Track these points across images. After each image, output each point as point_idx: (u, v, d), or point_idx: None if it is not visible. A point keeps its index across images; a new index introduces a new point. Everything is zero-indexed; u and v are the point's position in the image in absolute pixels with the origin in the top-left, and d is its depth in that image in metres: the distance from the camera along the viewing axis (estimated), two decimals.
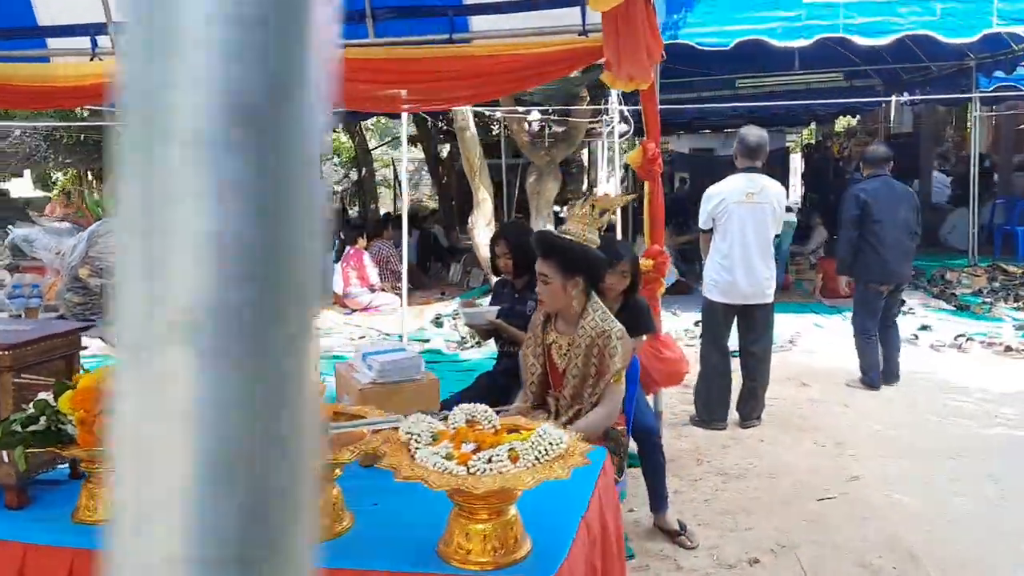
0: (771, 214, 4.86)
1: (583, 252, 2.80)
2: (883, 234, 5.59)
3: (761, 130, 4.97)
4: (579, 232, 2.82)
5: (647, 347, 4.26)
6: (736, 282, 4.84)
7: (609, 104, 7.57)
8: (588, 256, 2.81)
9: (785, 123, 21.51)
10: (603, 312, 2.83)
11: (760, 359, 4.99)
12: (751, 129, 4.97)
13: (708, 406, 5.01)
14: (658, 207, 4.20)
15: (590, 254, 2.81)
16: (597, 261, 2.84)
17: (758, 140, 4.88)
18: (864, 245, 5.63)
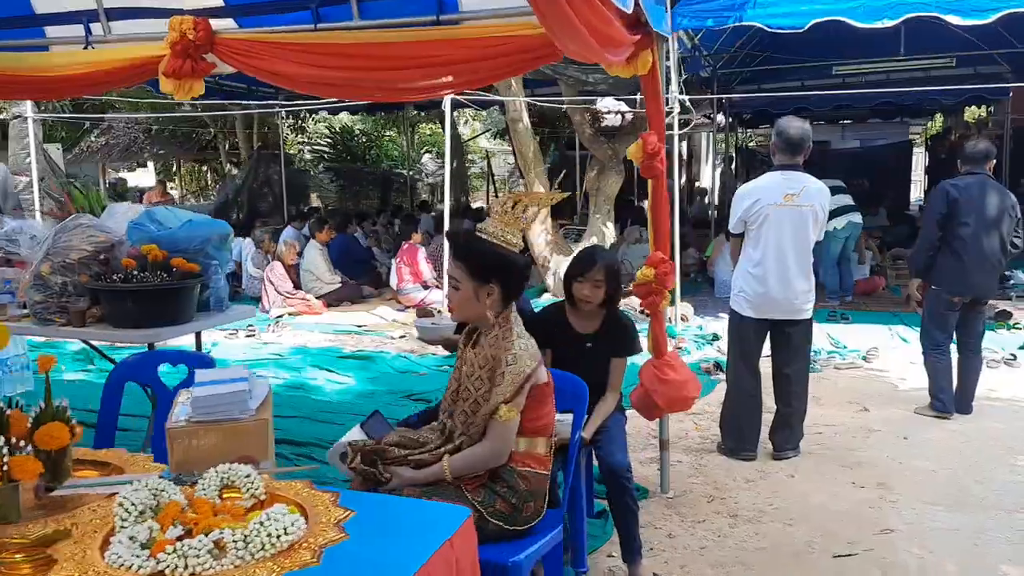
0: (813, 219, 4.25)
1: (498, 256, 2.40)
2: (969, 238, 4.87)
3: (803, 121, 4.35)
4: (497, 232, 2.41)
5: (649, 367, 3.79)
6: (769, 295, 4.26)
7: (669, 93, 6.99)
8: (504, 260, 2.41)
9: (907, 114, 19.99)
10: (511, 330, 2.41)
11: (795, 382, 4.39)
12: (791, 120, 4.36)
13: (735, 434, 4.45)
14: (661, 209, 3.70)
15: (507, 258, 2.42)
16: (514, 267, 2.44)
17: (800, 133, 4.27)
18: (945, 248, 4.92)
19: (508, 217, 2.42)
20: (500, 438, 2.35)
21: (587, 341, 3.32)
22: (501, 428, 2.34)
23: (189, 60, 3.94)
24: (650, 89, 3.52)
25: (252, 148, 14.19)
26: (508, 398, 2.32)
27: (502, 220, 2.42)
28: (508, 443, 2.37)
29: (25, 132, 7.84)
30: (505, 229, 2.41)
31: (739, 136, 22.80)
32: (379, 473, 2.50)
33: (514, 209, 2.42)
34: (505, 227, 2.41)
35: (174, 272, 3.65)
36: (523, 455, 2.43)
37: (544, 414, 2.45)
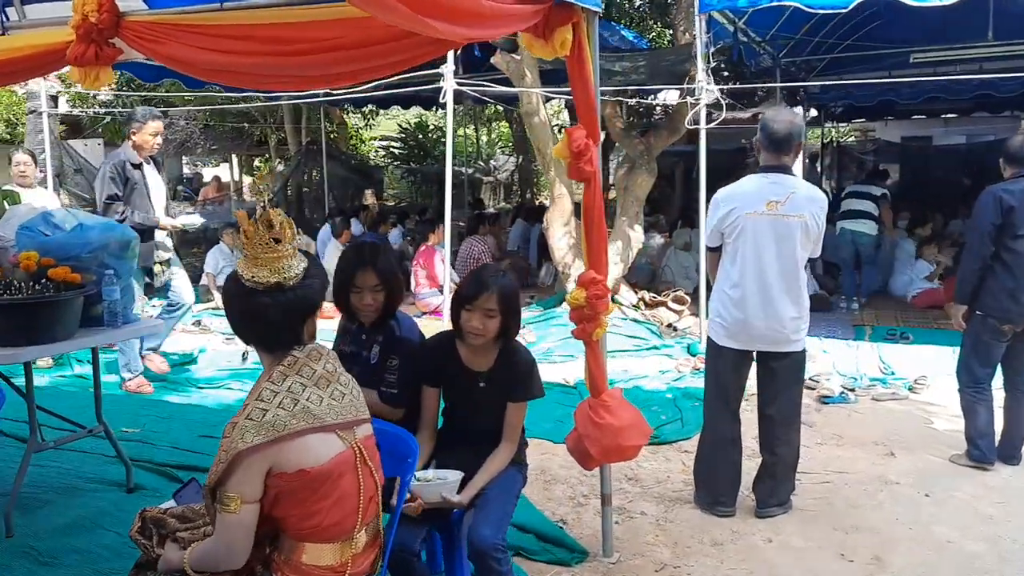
0: (802, 231, 3.51)
1: (232, 297, 1.92)
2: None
3: (793, 114, 3.63)
4: (248, 268, 1.87)
5: (583, 409, 3.19)
6: (749, 321, 3.57)
7: (697, 83, 6.27)
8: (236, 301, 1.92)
9: (1015, 106, 18.33)
10: (257, 388, 1.87)
11: (780, 425, 3.68)
12: (779, 113, 3.64)
13: (709, 485, 3.78)
14: (594, 219, 3.07)
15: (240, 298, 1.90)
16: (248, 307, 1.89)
17: (788, 128, 3.53)
18: (996, 266, 4.09)
19: (257, 240, 1.87)
20: (224, 533, 1.81)
21: (480, 380, 2.74)
22: (223, 521, 1.80)
23: (93, 45, 3.56)
24: (575, 73, 2.90)
25: (300, 143, 14.04)
26: (214, 480, 1.78)
27: (255, 256, 1.87)
28: (237, 543, 1.81)
29: (41, 126, 7.78)
30: (260, 265, 1.87)
31: (827, 131, 21.47)
32: (150, 548, 2.02)
33: (259, 230, 1.87)
34: (260, 262, 1.87)
35: (47, 283, 3.26)
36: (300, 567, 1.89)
37: (315, 511, 1.87)
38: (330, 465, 1.85)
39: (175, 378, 5.94)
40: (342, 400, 1.93)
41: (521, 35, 2.93)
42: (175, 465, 4.13)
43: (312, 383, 1.89)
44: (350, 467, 1.90)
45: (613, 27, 11.60)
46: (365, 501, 1.92)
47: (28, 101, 8.02)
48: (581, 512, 3.80)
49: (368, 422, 2.01)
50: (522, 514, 3.64)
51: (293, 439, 1.80)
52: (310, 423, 1.84)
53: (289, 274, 1.88)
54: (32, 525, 3.42)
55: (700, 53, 6.22)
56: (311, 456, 1.83)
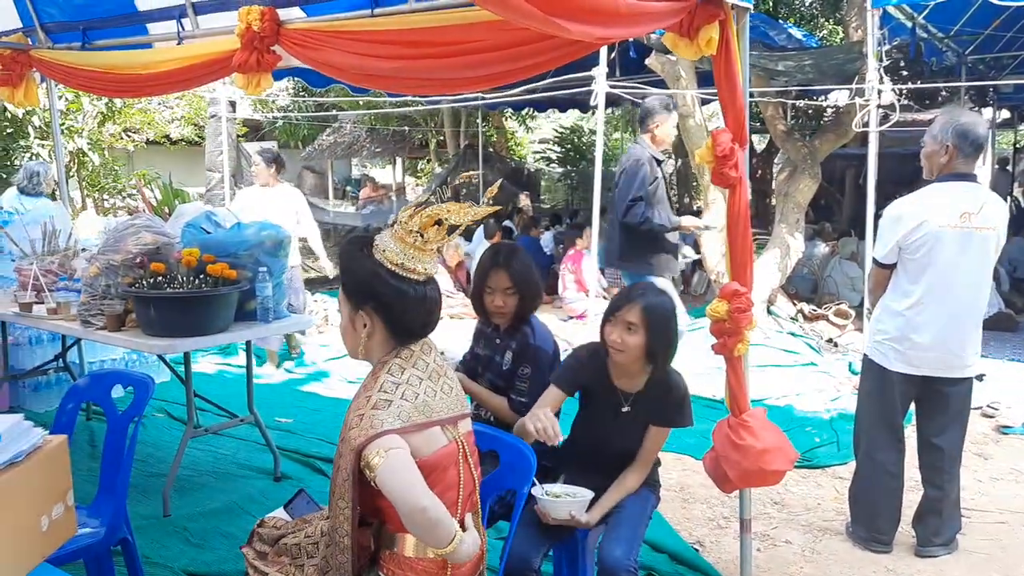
0: (995, 246, 3.22)
1: (374, 278, 1.86)
2: None
3: (983, 118, 3.27)
4: (390, 251, 1.86)
5: (722, 428, 3.01)
6: (928, 344, 3.25)
7: (867, 82, 5.84)
8: (379, 286, 1.87)
9: None
10: (387, 376, 1.84)
11: (949, 458, 3.34)
12: (975, 116, 3.30)
13: (866, 519, 3.48)
14: (738, 229, 2.89)
15: (386, 283, 1.86)
16: (394, 295, 1.86)
17: (987, 132, 3.22)
18: None
19: (410, 237, 1.86)
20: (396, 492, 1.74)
21: (625, 402, 2.62)
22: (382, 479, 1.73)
23: (255, 52, 3.77)
24: (721, 73, 2.73)
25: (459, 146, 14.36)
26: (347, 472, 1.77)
27: (402, 240, 1.87)
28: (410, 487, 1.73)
29: (220, 130, 8.35)
30: (404, 251, 1.86)
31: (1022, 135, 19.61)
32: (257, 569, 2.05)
33: (417, 225, 1.86)
34: (405, 248, 1.86)
35: (207, 279, 3.45)
36: (404, 561, 1.86)
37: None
38: (436, 458, 1.83)
39: (327, 372, 6.22)
40: (451, 394, 1.92)
41: (666, 34, 2.80)
42: (320, 457, 4.28)
43: (427, 376, 1.88)
44: (453, 461, 1.87)
45: (780, 25, 11.10)
46: (465, 495, 1.89)
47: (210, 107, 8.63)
48: (720, 535, 3.62)
49: (469, 417, 1.98)
50: (656, 532, 3.52)
51: (414, 432, 1.79)
52: (428, 416, 1.83)
53: (433, 270, 1.90)
54: (187, 506, 3.64)
55: (872, 51, 5.79)
56: (423, 448, 1.81)
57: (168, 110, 11.84)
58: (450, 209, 1.91)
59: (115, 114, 10.14)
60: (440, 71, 3.21)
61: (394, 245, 1.87)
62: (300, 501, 2.24)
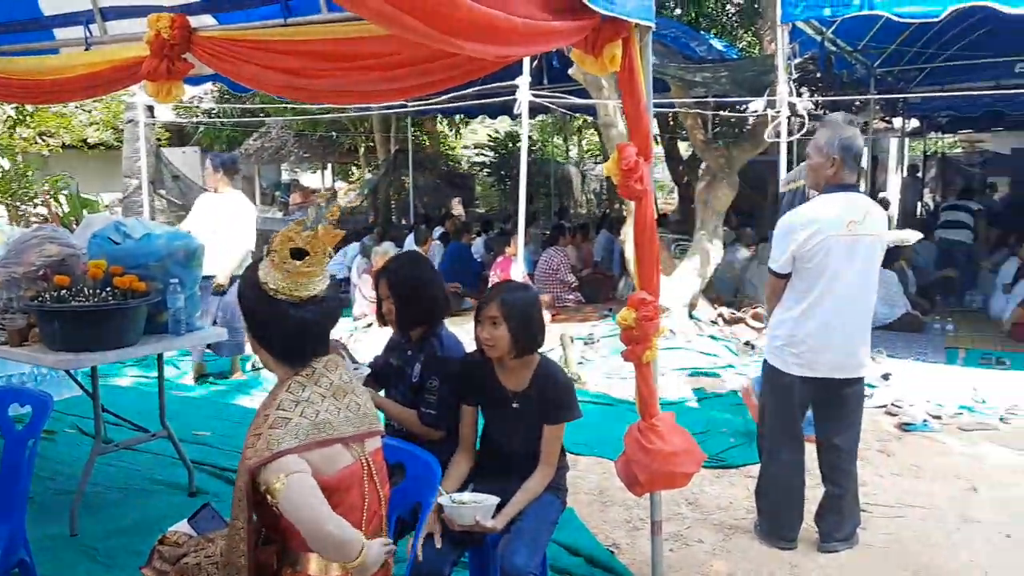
0: (879, 251, 3.41)
1: (251, 298, 1.90)
2: None
3: (858, 130, 3.45)
4: (269, 275, 1.88)
5: (632, 432, 3.09)
6: (825, 348, 3.39)
7: (778, 95, 6.05)
8: (257, 304, 1.90)
9: None
10: (286, 395, 1.86)
11: (847, 456, 3.50)
12: (853, 129, 3.45)
13: (771, 516, 3.61)
14: (644, 238, 2.98)
15: (258, 302, 1.88)
16: (267, 315, 1.87)
17: (862, 146, 3.39)
18: None
19: (283, 264, 1.87)
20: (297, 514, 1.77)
21: (513, 400, 2.69)
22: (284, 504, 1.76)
23: (166, 60, 3.69)
24: (626, 89, 2.82)
25: (389, 151, 14.31)
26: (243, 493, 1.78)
27: (277, 266, 1.88)
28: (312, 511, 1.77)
29: (138, 135, 8.15)
30: (280, 277, 1.87)
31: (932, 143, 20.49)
32: None
33: (282, 249, 1.87)
34: (281, 273, 1.87)
35: (114, 292, 3.38)
36: None
37: None
38: (338, 478, 1.84)
39: (259, 381, 6.14)
40: (357, 412, 1.93)
41: (573, 51, 2.87)
42: (236, 470, 4.22)
43: (331, 394, 1.89)
44: (357, 480, 1.89)
45: (702, 37, 11.38)
46: (368, 516, 1.91)
47: (127, 111, 8.42)
48: (636, 537, 3.70)
49: (379, 435, 2.00)
50: (573, 536, 3.59)
51: (313, 449, 1.80)
52: (329, 434, 1.84)
53: (321, 288, 1.90)
54: (95, 525, 3.56)
55: (782, 64, 6.01)
56: (322, 468, 1.82)
57: (85, 113, 11.51)
58: (304, 236, 1.90)
59: (27, 117, 9.80)
60: (353, 83, 3.22)
61: (271, 271, 1.88)
62: (205, 515, 2.23)
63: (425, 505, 2.16)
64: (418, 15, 1.79)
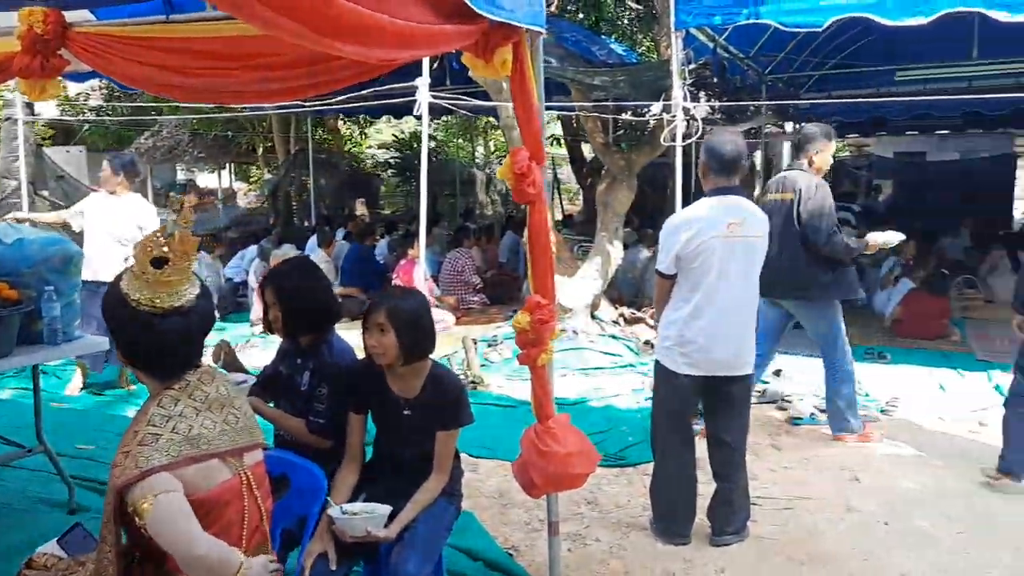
0: (760, 251, 3.52)
1: (112, 312, 1.83)
2: None
3: (737, 136, 3.58)
4: (131, 286, 1.81)
5: (529, 435, 3.09)
6: (711, 347, 3.49)
7: (673, 100, 6.20)
8: (117, 318, 1.84)
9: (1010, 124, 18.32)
10: (157, 409, 1.81)
11: (736, 451, 3.61)
12: (723, 135, 3.60)
13: (665, 512, 3.70)
14: (538, 242, 3.00)
15: (120, 315, 1.82)
16: (128, 328, 1.81)
17: (735, 151, 3.51)
18: None
19: (144, 274, 1.80)
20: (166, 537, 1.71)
21: (405, 407, 2.66)
22: (152, 526, 1.70)
23: (39, 57, 3.50)
24: (517, 94, 2.83)
25: (289, 151, 14.00)
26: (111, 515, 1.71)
27: (137, 276, 1.80)
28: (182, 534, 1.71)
29: (15, 134, 7.73)
30: (142, 287, 1.79)
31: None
32: None
33: (149, 266, 1.80)
34: (142, 283, 1.79)
35: None
36: None
37: None
38: (215, 493, 1.78)
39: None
40: (236, 425, 1.87)
41: (464, 55, 2.86)
42: None
43: (206, 407, 1.82)
44: (235, 495, 1.83)
45: (602, 41, 11.57)
46: (249, 531, 1.85)
47: (5, 108, 7.97)
48: (535, 539, 3.72)
49: (260, 448, 1.94)
50: (473, 540, 3.58)
51: (186, 465, 1.73)
52: (204, 450, 1.77)
53: (188, 297, 1.82)
54: None
55: (676, 69, 6.16)
56: (198, 484, 1.75)
57: None
58: (163, 245, 1.83)
59: None
60: (238, 83, 3.13)
61: (132, 282, 1.80)
62: (76, 535, 2.12)
63: (310, 517, 2.11)
64: (296, 17, 1.74)
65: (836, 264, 4.82)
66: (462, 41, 2.55)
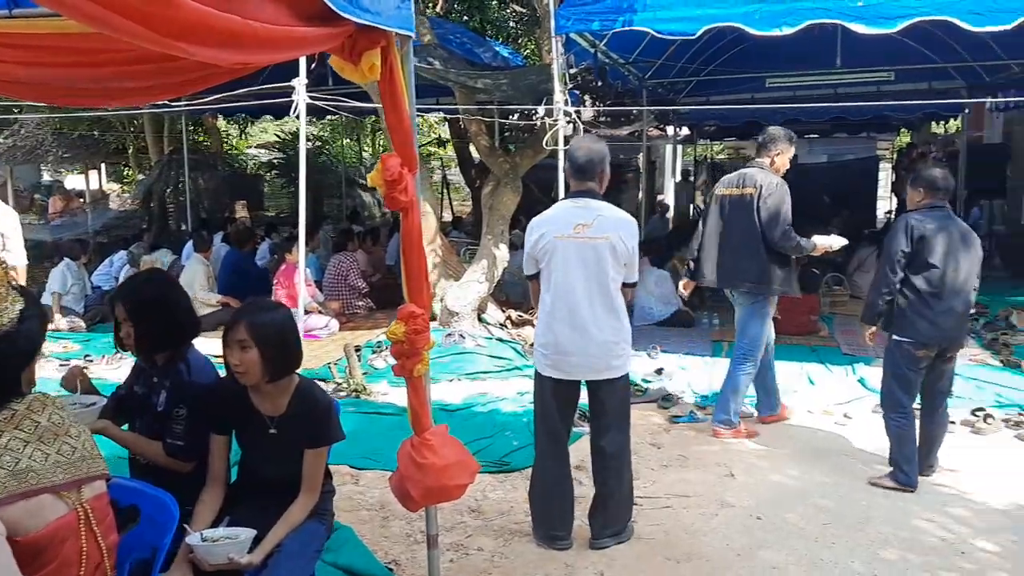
0: (610, 253, 3.46)
1: None
2: (938, 281, 4.16)
3: (596, 142, 3.61)
4: None
5: (405, 448, 3.03)
6: (564, 348, 3.51)
7: (555, 104, 6.26)
8: None
9: (873, 128, 19.44)
10: None
11: (612, 456, 3.62)
12: (581, 142, 3.64)
13: (544, 518, 3.69)
14: (412, 250, 2.94)
15: None
16: None
17: (588, 155, 3.54)
18: (911, 295, 4.18)
19: None
20: None
21: (271, 426, 2.55)
22: None
23: None
24: (387, 99, 2.76)
25: (163, 151, 13.39)
26: None
27: None
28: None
29: None
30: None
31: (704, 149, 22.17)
32: None
33: None
34: None
35: None
36: None
37: None
38: (48, 531, 1.64)
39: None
40: (71, 456, 1.72)
41: (332, 57, 2.77)
42: None
43: (36, 438, 1.68)
44: (72, 532, 1.69)
45: (487, 43, 11.60)
46: (88, 570, 1.72)
47: None
48: (416, 551, 3.65)
49: (101, 479, 1.80)
50: (351, 556, 3.48)
51: (11, 504, 1.58)
52: (33, 485, 1.62)
53: (7, 319, 1.67)
54: None
55: (557, 73, 6.21)
56: (27, 522, 1.61)
57: None
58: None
59: None
60: (86, 80, 2.93)
61: None
62: None
63: (160, 550, 1.98)
64: (130, 15, 1.62)
65: (786, 260, 5.06)
66: (326, 44, 2.46)
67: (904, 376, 4.27)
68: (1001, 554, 3.58)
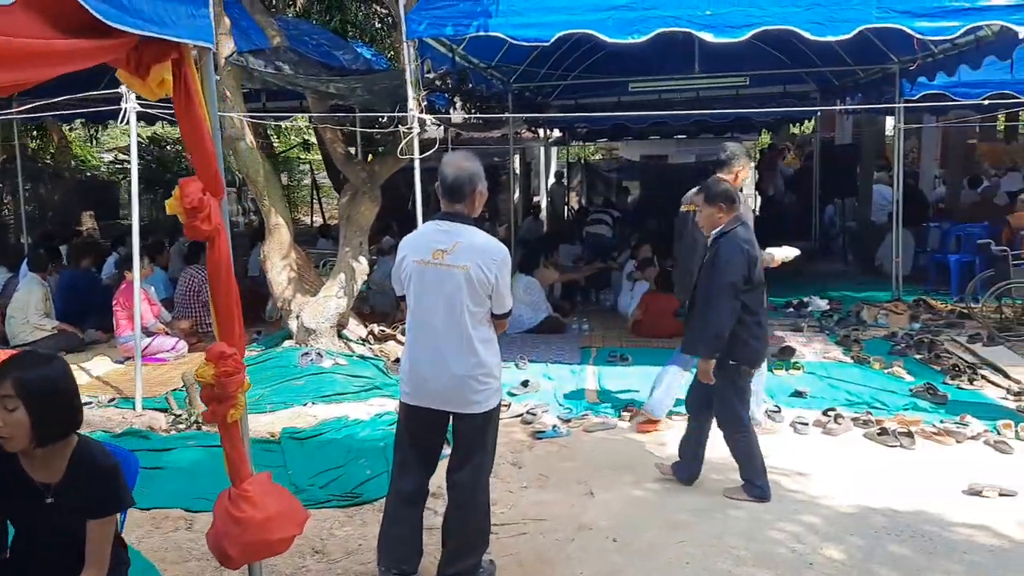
0: (466, 282, 3.20)
1: None
2: (760, 300, 4.22)
3: (466, 159, 3.36)
4: None
5: (222, 501, 2.75)
6: (423, 375, 3.30)
7: (408, 111, 6.02)
8: None
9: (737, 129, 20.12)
10: None
11: (464, 491, 3.37)
12: (453, 157, 3.39)
13: (390, 551, 3.40)
14: (222, 283, 2.66)
15: None
16: None
17: (457, 174, 3.28)
18: (747, 318, 4.16)
19: None
20: None
21: (47, 495, 2.23)
22: None
23: None
24: (184, 118, 2.48)
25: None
26: None
27: None
28: None
29: None
30: None
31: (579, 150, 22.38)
32: None
33: None
34: None
35: None
36: None
37: None
38: None
39: None
40: None
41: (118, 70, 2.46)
42: None
43: None
44: None
45: (348, 45, 11.22)
46: None
47: None
48: None
49: None
50: None
51: None
52: None
53: None
54: None
55: (410, 79, 5.99)
56: None
57: None
58: None
59: None
60: None
61: None
62: None
63: None
64: None
65: None
66: (102, 57, 2.16)
67: (743, 390, 4.32)
68: (846, 563, 3.61)
